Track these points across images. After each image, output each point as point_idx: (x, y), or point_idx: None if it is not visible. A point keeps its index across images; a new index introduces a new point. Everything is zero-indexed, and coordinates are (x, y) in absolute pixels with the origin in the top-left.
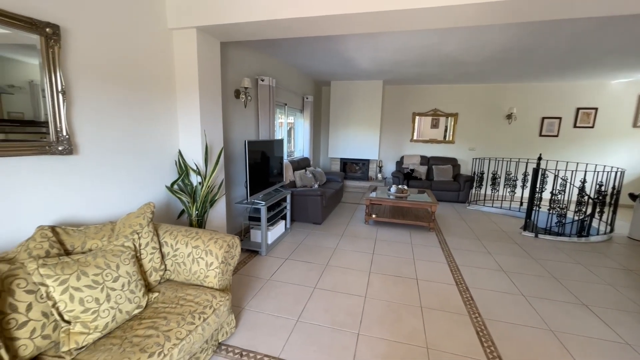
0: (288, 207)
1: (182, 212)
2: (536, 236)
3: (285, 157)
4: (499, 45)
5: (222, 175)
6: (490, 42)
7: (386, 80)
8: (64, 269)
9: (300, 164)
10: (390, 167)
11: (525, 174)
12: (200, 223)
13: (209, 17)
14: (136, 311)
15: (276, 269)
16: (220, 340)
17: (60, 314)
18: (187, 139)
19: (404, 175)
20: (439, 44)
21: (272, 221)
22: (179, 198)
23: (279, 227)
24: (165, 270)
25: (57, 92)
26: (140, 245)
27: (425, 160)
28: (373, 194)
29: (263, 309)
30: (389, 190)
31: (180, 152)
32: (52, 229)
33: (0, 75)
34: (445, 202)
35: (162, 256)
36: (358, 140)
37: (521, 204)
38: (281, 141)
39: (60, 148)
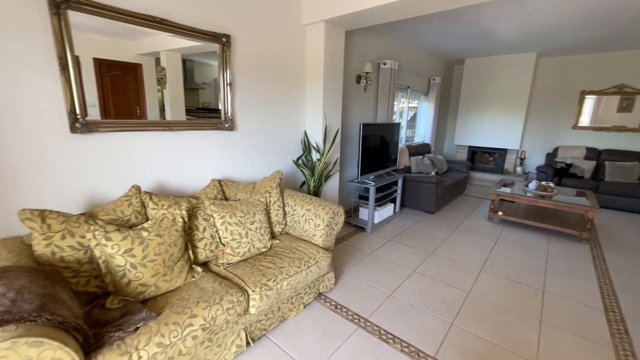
0: (399, 191)
1: (303, 183)
2: None
3: (402, 141)
4: None
5: (338, 154)
6: None
7: (540, 53)
8: (224, 209)
9: (419, 150)
10: (536, 160)
11: None
12: (316, 194)
13: (335, 9)
14: (263, 249)
15: (378, 247)
16: (320, 291)
17: (219, 238)
18: (311, 121)
19: (556, 171)
20: None
21: (380, 202)
22: (301, 171)
23: (387, 209)
24: (286, 225)
25: (226, 84)
26: (270, 202)
27: (593, 153)
28: (504, 189)
29: (360, 277)
30: (527, 186)
31: (305, 133)
32: (219, 182)
33: (200, 76)
34: (620, 210)
35: (284, 214)
36: (494, 126)
37: None
38: (398, 125)
39: (226, 125)
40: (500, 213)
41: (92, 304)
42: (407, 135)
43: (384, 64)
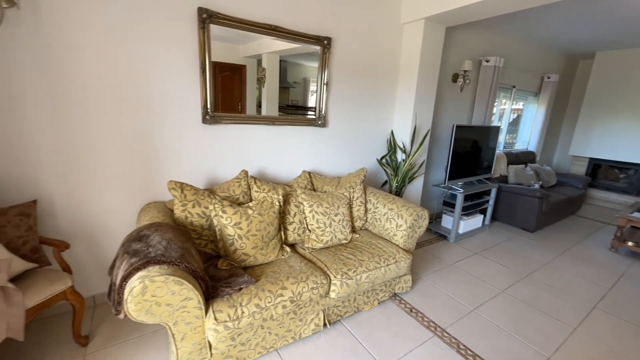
0: (491, 202)
1: (385, 182)
2: None
3: (500, 147)
4: None
5: (424, 156)
6: None
7: None
8: (312, 198)
9: (520, 158)
10: None
11: None
12: (397, 195)
13: (438, 5)
14: (343, 241)
15: (461, 259)
16: (396, 291)
17: (307, 224)
18: (399, 120)
19: None
20: None
21: (467, 211)
22: (384, 170)
23: (475, 220)
24: (366, 221)
25: (323, 84)
26: (353, 197)
27: None
28: (639, 214)
29: (439, 286)
30: None
31: (392, 132)
32: (309, 173)
33: (291, 75)
34: None
35: (366, 210)
36: (632, 135)
37: None
38: (496, 129)
39: (319, 122)
40: (630, 243)
41: (208, 262)
42: (505, 141)
43: (487, 61)
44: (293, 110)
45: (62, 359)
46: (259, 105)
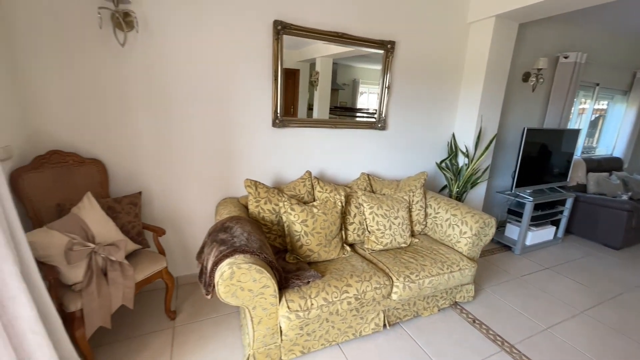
0: (566, 213)
1: (445, 187)
2: None
3: (577, 152)
4: None
5: (489, 161)
6: None
7: None
8: (372, 200)
9: (602, 165)
10: None
11: None
12: (458, 200)
13: (511, 2)
14: (402, 244)
15: (529, 272)
16: (457, 300)
17: (366, 225)
18: (462, 123)
19: None
20: None
21: (537, 222)
22: (444, 174)
23: (545, 232)
24: (425, 226)
25: (385, 87)
26: (412, 201)
27: None
28: None
29: (505, 299)
30: None
31: (453, 135)
32: (368, 175)
33: (341, 77)
34: None
35: (425, 214)
36: None
37: None
38: (575, 132)
39: (379, 125)
40: None
41: (277, 255)
42: (585, 145)
43: (565, 57)
44: (341, 111)
45: (156, 328)
46: (310, 108)
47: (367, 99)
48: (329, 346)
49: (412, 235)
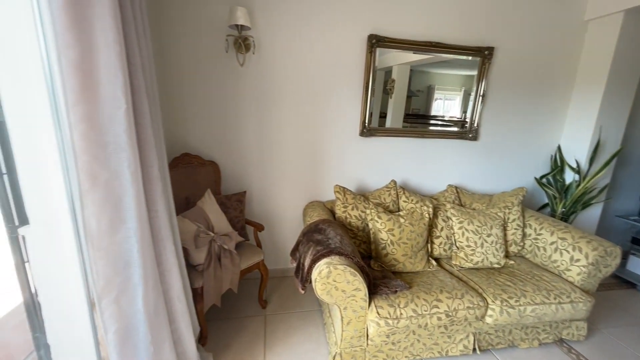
0: None
1: (545, 205)
2: None
3: None
4: None
5: (607, 179)
6: None
7: None
8: (462, 214)
9: None
10: None
11: None
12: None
13: None
14: (496, 265)
15: None
16: (562, 336)
17: (454, 240)
18: (571, 134)
19: None
20: None
21: None
22: (545, 191)
23: None
24: (523, 247)
25: (479, 95)
26: (508, 218)
27: None
28: None
29: (627, 345)
30: None
31: (559, 148)
32: (456, 188)
33: (415, 84)
34: None
35: (523, 235)
36: None
37: None
38: None
39: (470, 136)
40: None
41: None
42: None
43: None
44: (414, 119)
45: (251, 313)
46: (382, 116)
47: (443, 106)
48: (413, 359)
49: (507, 256)
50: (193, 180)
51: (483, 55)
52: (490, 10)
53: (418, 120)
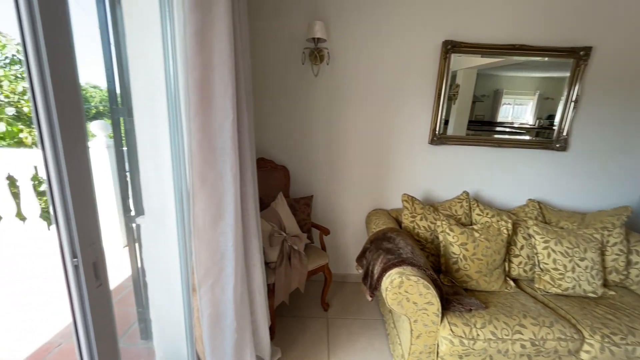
0: None
1: None
2: None
3: None
4: None
5: None
6: None
7: None
8: (548, 233)
9: None
10: None
11: None
12: None
13: None
14: (590, 294)
15: None
16: None
17: (537, 261)
18: None
19: None
20: None
21: None
22: None
23: None
24: (627, 277)
25: (571, 101)
26: (606, 242)
27: None
28: None
29: None
30: None
31: None
32: (538, 203)
33: (479, 88)
34: None
35: (627, 262)
36: None
37: None
38: None
39: (557, 145)
40: None
41: None
42: None
43: None
44: (478, 126)
45: (314, 314)
46: (444, 123)
47: (512, 111)
48: None
49: (605, 285)
50: (266, 183)
51: (578, 56)
52: (586, 6)
53: (483, 127)
